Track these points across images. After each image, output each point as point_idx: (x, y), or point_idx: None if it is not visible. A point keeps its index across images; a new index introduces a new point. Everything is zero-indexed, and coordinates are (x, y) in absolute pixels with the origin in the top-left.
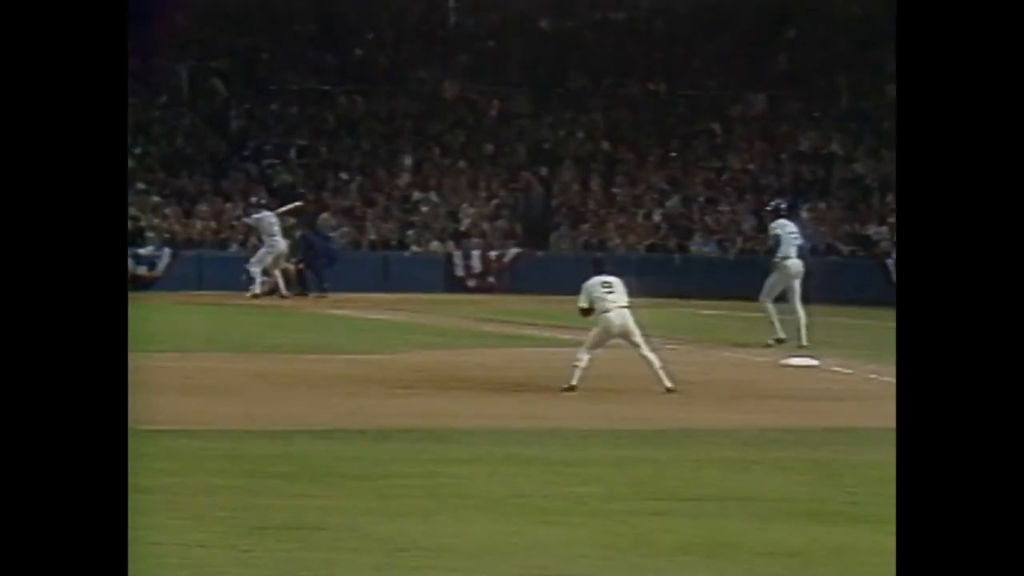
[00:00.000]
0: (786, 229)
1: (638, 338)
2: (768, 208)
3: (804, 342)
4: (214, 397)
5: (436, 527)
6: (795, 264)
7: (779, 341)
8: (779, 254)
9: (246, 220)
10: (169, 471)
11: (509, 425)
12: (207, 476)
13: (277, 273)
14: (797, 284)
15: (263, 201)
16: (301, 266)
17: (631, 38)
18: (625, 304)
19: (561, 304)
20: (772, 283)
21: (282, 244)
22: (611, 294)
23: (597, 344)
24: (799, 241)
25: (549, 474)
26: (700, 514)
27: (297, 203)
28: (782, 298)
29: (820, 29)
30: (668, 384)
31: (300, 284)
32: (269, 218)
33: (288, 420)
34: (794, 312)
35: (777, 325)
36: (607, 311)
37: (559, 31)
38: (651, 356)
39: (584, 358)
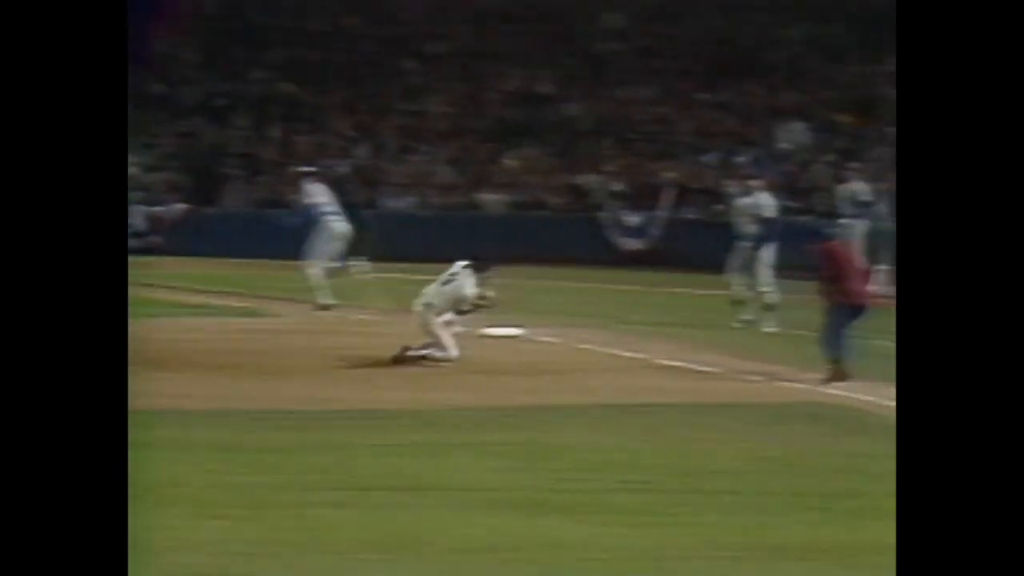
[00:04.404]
0: (318, 192)
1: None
2: (300, 170)
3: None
4: None
5: None
6: (341, 225)
7: (326, 307)
8: (321, 212)
9: None
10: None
11: (175, 406)
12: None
13: None
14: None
15: None
16: None
17: None
18: (427, 303)
19: (235, 268)
20: (318, 245)
21: None
22: (443, 284)
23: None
24: (333, 206)
25: (212, 462)
26: (384, 506)
27: None
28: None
29: None
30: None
31: None
32: None
33: None
34: (318, 273)
35: (324, 290)
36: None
37: None
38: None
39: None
